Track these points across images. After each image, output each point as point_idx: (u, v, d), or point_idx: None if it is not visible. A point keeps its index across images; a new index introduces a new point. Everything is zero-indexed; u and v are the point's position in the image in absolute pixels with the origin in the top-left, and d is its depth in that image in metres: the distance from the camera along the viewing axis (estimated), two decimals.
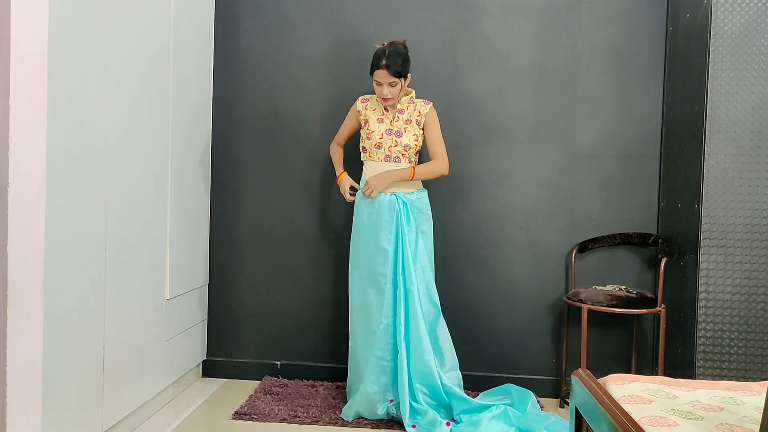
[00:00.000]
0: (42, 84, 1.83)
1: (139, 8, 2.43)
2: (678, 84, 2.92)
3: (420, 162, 2.86)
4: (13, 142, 1.73)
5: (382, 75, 2.66)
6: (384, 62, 2.64)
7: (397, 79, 2.66)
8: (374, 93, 2.80)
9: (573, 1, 3.11)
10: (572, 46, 3.12)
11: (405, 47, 2.72)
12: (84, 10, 2.05)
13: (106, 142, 2.21)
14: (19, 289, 1.78)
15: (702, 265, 2.61)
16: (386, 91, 2.68)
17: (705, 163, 2.61)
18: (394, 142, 2.74)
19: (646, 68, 3.09)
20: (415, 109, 2.79)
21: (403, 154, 2.74)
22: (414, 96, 2.83)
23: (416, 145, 2.76)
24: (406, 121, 2.76)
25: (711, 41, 2.58)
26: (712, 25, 2.57)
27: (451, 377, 2.72)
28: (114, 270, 2.28)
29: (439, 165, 2.79)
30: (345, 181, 2.88)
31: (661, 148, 3.09)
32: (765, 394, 1.41)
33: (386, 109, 2.79)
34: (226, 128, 3.28)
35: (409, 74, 2.73)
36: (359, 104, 2.85)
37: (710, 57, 2.58)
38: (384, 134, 2.75)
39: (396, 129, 2.75)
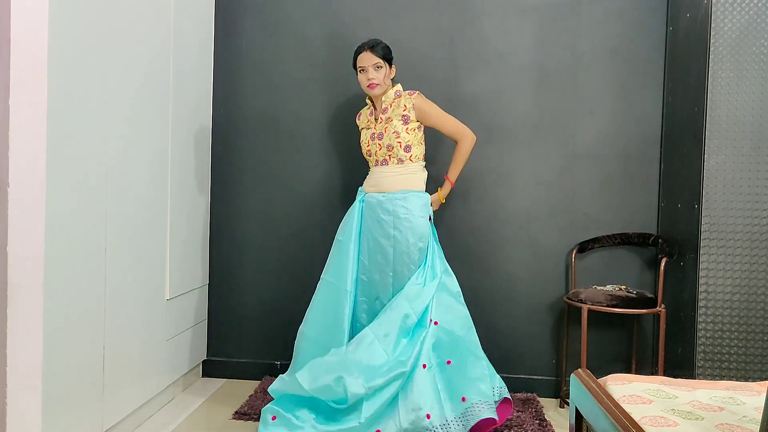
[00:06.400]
0: (42, 84, 1.83)
1: (139, 8, 2.43)
2: (678, 84, 2.92)
3: (418, 154, 2.70)
4: (13, 142, 1.73)
5: (365, 58, 2.63)
6: (365, 46, 2.64)
7: (381, 60, 2.62)
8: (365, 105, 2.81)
9: (573, 1, 3.11)
10: (572, 46, 3.12)
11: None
12: (84, 11, 2.05)
13: (106, 142, 2.21)
14: (19, 289, 1.78)
15: (702, 265, 2.61)
16: (372, 74, 2.62)
17: (705, 163, 2.61)
18: (378, 146, 2.68)
19: (646, 68, 3.09)
20: (399, 104, 2.68)
21: (389, 156, 2.66)
22: (401, 89, 2.73)
23: (399, 142, 2.63)
24: (387, 120, 2.67)
25: (711, 41, 2.58)
26: (712, 25, 2.57)
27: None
28: (114, 270, 2.28)
29: (462, 144, 2.70)
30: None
31: (661, 148, 3.09)
32: (765, 394, 1.41)
33: (371, 114, 2.75)
34: (226, 128, 3.28)
35: (394, 66, 2.71)
36: (357, 121, 2.86)
37: (710, 57, 2.58)
38: (369, 141, 2.71)
39: (378, 132, 2.69)
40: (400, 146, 2.64)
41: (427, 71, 3.13)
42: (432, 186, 2.85)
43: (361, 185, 2.81)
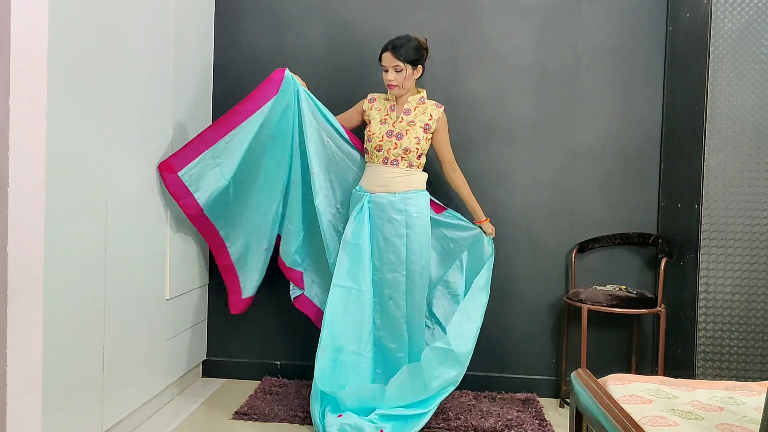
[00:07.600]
0: (42, 84, 1.83)
1: (139, 7, 2.43)
2: (678, 84, 2.92)
3: (423, 163, 2.76)
4: (13, 142, 1.73)
5: (386, 58, 2.63)
6: (389, 46, 2.63)
7: (401, 64, 2.60)
8: (384, 93, 2.79)
9: (573, 1, 3.11)
10: (572, 46, 3.12)
11: (422, 41, 2.67)
12: (84, 10, 2.05)
13: (106, 142, 2.21)
14: (19, 289, 1.77)
15: (702, 265, 2.61)
16: (391, 75, 2.62)
17: (705, 163, 2.61)
18: (393, 144, 2.66)
19: (646, 68, 3.09)
20: (424, 112, 2.70)
21: (402, 157, 2.66)
22: (425, 96, 2.75)
23: (417, 148, 2.67)
24: (410, 123, 2.68)
25: (711, 41, 2.58)
26: (712, 25, 2.57)
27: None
28: (114, 270, 2.28)
29: (461, 181, 2.83)
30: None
31: (661, 148, 3.09)
32: (765, 394, 1.41)
33: (392, 109, 2.73)
34: None
35: (420, 66, 2.67)
36: (366, 103, 2.81)
37: (710, 57, 2.58)
38: (384, 136, 2.68)
39: (397, 131, 2.67)
40: (417, 152, 2.69)
41: (428, 71, 3.11)
42: (430, 187, 2.85)
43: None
